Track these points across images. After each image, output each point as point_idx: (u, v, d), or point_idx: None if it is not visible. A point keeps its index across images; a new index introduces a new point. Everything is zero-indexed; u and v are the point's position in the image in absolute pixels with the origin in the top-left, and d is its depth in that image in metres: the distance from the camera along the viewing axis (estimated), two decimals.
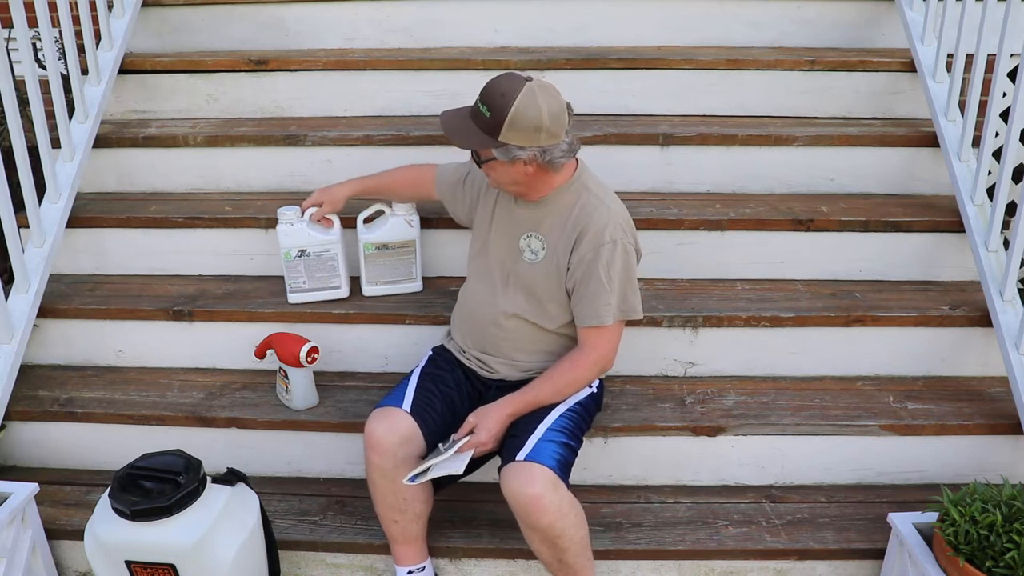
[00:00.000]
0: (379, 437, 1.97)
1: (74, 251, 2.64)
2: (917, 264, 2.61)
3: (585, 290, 1.97)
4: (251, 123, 2.87)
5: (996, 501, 1.79)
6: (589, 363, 2.01)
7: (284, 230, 2.41)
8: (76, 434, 2.39)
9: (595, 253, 1.95)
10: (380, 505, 2.04)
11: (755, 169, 2.74)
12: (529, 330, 2.06)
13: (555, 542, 1.89)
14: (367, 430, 2.00)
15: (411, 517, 2.04)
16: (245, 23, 3.02)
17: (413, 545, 2.09)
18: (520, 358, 2.09)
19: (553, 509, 1.85)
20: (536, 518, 1.85)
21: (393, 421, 1.99)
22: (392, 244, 2.45)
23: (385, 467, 1.97)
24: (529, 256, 2.03)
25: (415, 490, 1.99)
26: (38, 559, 2.10)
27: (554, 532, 1.87)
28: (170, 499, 1.83)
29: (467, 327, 2.16)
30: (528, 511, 1.85)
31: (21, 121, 2.27)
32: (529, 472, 1.86)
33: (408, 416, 2.00)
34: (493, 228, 2.10)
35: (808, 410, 2.33)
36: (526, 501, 1.84)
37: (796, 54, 2.89)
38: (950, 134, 2.59)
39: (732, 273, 2.62)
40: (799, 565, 2.18)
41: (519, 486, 1.85)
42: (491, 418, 1.95)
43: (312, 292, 2.48)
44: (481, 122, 1.88)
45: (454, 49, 3.00)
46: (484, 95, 1.89)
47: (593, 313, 1.97)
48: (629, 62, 2.85)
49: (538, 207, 2.02)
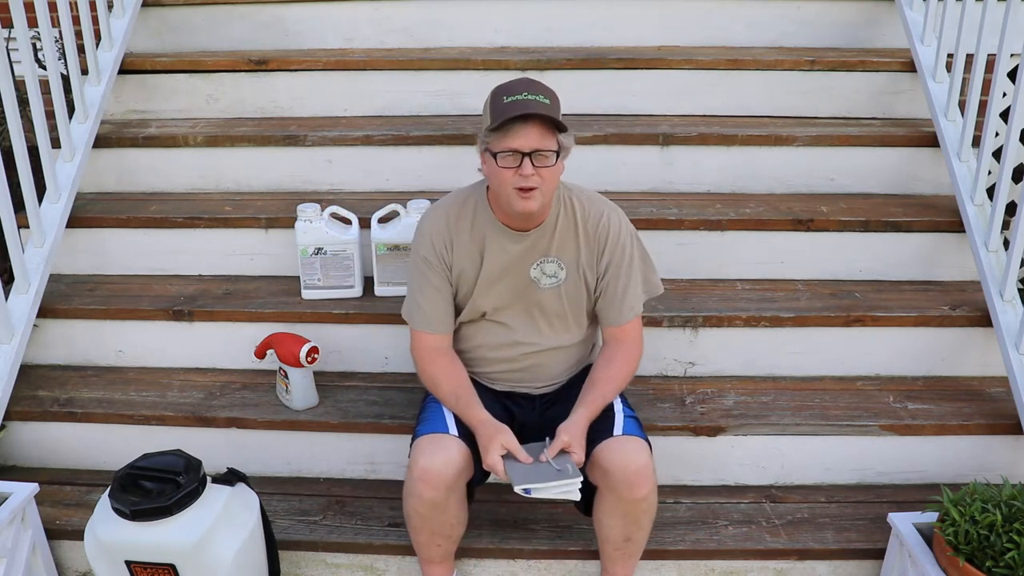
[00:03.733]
0: (437, 472, 1.84)
1: (74, 251, 2.64)
2: (917, 264, 2.61)
3: (616, 289, 1.98)
4: (251, 123, 2.87)
5: (996, 501, 1.78)
6: (637, 355, 2.03)
7: (302, 227, 2.43)
8: (76, 434, 2.39)
9: (621, 252, 1.97)
10: (424, 533, 1.97)
11: (755, 169, 2.75)
12: (563, 352, 2.06)
13: (640, 517, 1.91)
14: (420, 463, 1.85)
15: (454, 540, 2.02)
16: (245, 23, 3.03)
17: (448, 562, 2.09)
18: (560, 376, 2.09)
19: (652, 481, 1.87)
20: (637, 489, 1.85)
21: (448, 453, 1.86)
22: (404, 246, 2.45)
23: (438, 500, 1.86)
24: (548, 282, 1.98)
25: (462, 514, 1.96)
26: (38, 559, 2.10)
27: (647, 504, 1.89)
28: (170, 499, 1.83)
29: (495, 369, 2.08)
30: (633, 482, 1.84)
31: (21, 121, 2.28)
32: (634, 444, 1.88)
33: (460, 442, 1.88)
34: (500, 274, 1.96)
35: (808, 410, 2.33)
36: (636, 470, 1.84)
37: (796, 54, 2.89)
38: (950, 134, 2.59)
39: (732, 273, 2.62)
40: (799, 565, 2.18)
41: (626, 458, 1.85)
42: (582, 434, 1.87)
43: (326, 290, 2.49)
44: (545, 109, 1.78)
45: (454, 49, 3.00)
46: (529, 86, 1.81)
47: (629, 307, 2.00)
48: (629, 62, 2.85)
49: (538, 233, 1.93)
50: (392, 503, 2.27)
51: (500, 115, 1.78)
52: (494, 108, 1.82)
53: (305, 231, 2.43)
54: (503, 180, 1.81)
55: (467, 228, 1.96)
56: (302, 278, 2.49)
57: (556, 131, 1.80)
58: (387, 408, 2.35)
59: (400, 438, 2.28)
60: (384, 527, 2.21)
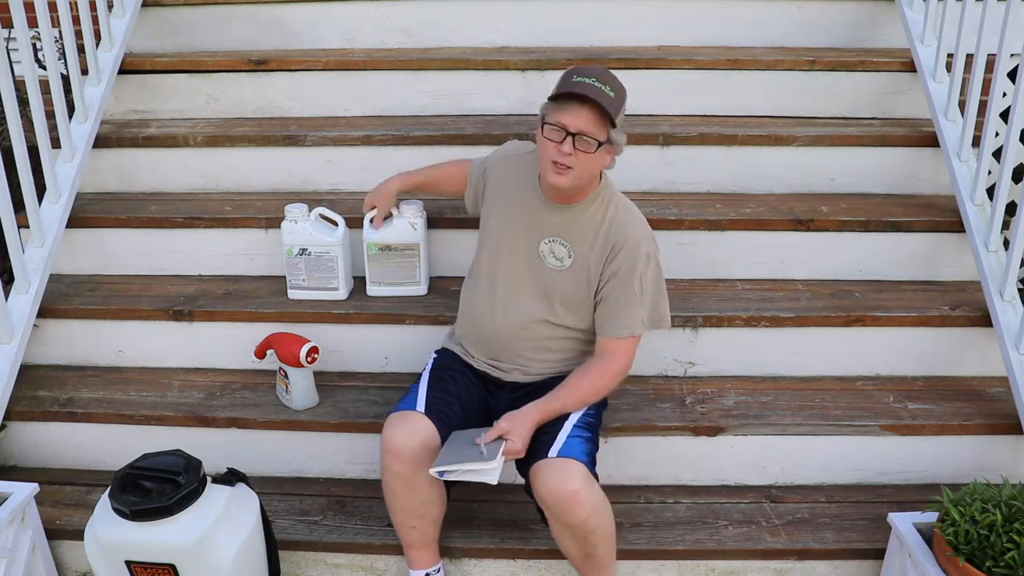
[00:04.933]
0: (399, 443, 1.91)
1: (74, 251, 2.64)
2: (917, 264, 2.61)
3: (617, 301, 1.97)
4: (251, 123, 2.87)
5: (996, 501, 1.78)
6: (614, 373, 2.01)
7: (288, 227, 2.43)
8: (76, 434, 2.39)
9: (631, 266, 1.96)
10: (397, 512, 2.01)
11: (755, 169, 2.75)
12: (544, 336, 2.06)
13: (587, 538, 1.89)
14: (385, 436, 1.94)
15: (429, 522, 2.03)
16: (245, 23, 3.03)
17: (428, 549, 2.08)
18: (532, 365, 2.08)
19: (588, 504, 1.84)
20: (572, 515, 1.84)
21: (412, 426, 1.93)
22: (395, 246, 2.45)
23: (405, 473, 1.92)
24: (553, 262, 2.01)
25: (434, 494, 1.97)
26: (38, 559, 2.10)
27: (588, 528, 1.87)
28: (170, 499, 1.83)
29: (476, 336, 2.13)
30: (564, 508, 1.84)
31: (21, 121, 2.28)
32: (565, 468, 1.85)
33: (426, 419, 1.95)
34: (510, 229, 2.05)
35: (808, 410, 2.33)
36: (564, 497, 1.83)
37: (796, 54, 2.89)
38: (950, 134, 2.59)
39: (732, 273, 2.62)
40: (799, 565, 2.18)
41: (556, 483, 1.83)
42: (524, 425, 1.88)
43: (311, 291, 2.49)
44: (606, 100, 1.84)
45: (454, 49, 3.00)
46: (601, 75, 1.87)
47: (624, 324, 1.98)
48: (629, 62, 2.84)
49: (567, 211, 1.99)
50: None
51: (562, 89, 1.87)
52: (562, 81, 1.90)
53: (290, 231, 2.44)
54: (545, 149, 1.90)
55: (516, 169, 2.09)
56: (288, 278, 2.49)
57: (609, 123, 1.85)
58: (387, 408, 2.32)
59: None
60: (384, 527, 2.20)
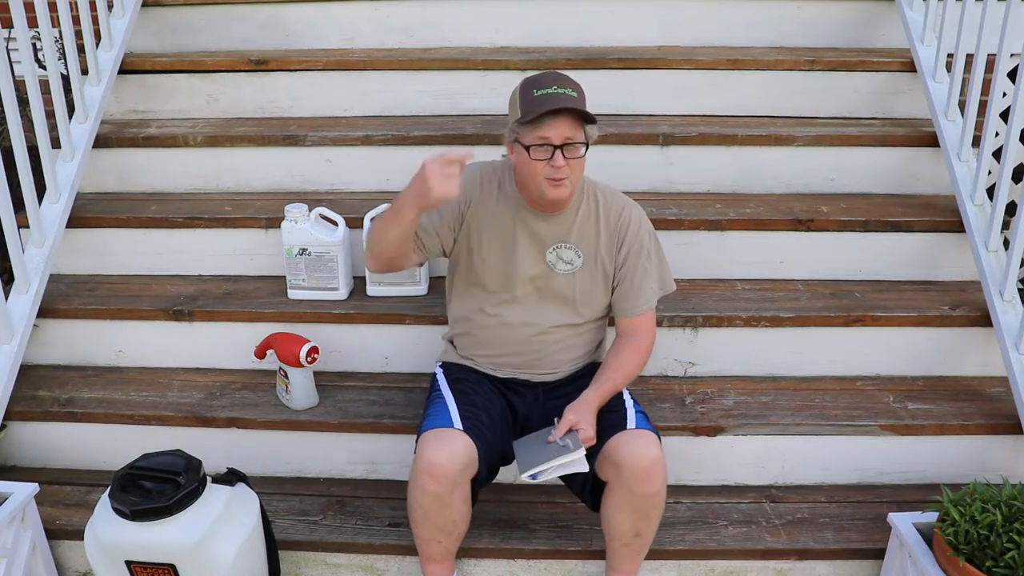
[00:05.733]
0: (442, 464, 1.84)
1: (74, 251, 2.64)
2: (917, 264, 2.61)
3: (633, 281, 2.02)
4: (251, 123, 2.87)
5: (996, 501, 1.78)
6: (647, 347, 2.06)
7: (288, 227, 2.44)
8: (76, 434, 2.39)
9: (639, 246, 2.02)
10: (425, 527, 1.95)
11: (755, 169, 2.75)
12: (570, 336, 2.07)
13: (649, 512, 1.92)
14: (424, 457, 1.85)
15: (455, 537, 2.01)
16: (245, 23, 3.03)
17: (448, 561, 2.08)
18: (562, 366, 2.10)
19: (663, 477, 1.89)
20: (649, 483, 1.86)
21: (452, 446, 1.86)
22: None
23: (441, 493, 1.86)
24: (564, 267, 2.02)
25: (465, 512, 1.95)
26: (38, 559, 2.10)
27: (655, 501, 1.90)
28: (170, 499, 1.83)
29: (499, 354, 2.09)
30: (643, 476, 1.85)
31: (21, 121, 2.27)
32: (647, 438, 1.89)
33: (464, 436, 1.89)
34: (512, 250, 2.01)
35: (808, 410, 2.33)
36: (647, 465, 1.85)
37: (796, 54, 2.89)
38: (950, 134, 2.59)
39: (732, 273, 2.62)
40: (799, 565, 2.18)
41: (640, 451, 1.86)
42: (589, 413, 1.90)
43: (311, 291, 2.49)
44: (576, 103, 1.84)
45: (454, 49, 3.00)
46: (558, 80, 1.86)
47: (644, 300, 2.04)
48: (629, 62, 2.85)
49: (562, 216, 2.00)
50: (393, 503, 2.27)
51: (532, 108, 1.84)
52: (525, 101, 1.86)
53: (290, 231, 2.44)
54: (535, 170, 1.88)
55: (494, 193, 2.02)
56: (288, 278, 2.50)
57: (584, 123, 1.87)
58: (387, 408, 2.35)
59: (400, 438, 2.28)
60: (384, 527, 2.21)
